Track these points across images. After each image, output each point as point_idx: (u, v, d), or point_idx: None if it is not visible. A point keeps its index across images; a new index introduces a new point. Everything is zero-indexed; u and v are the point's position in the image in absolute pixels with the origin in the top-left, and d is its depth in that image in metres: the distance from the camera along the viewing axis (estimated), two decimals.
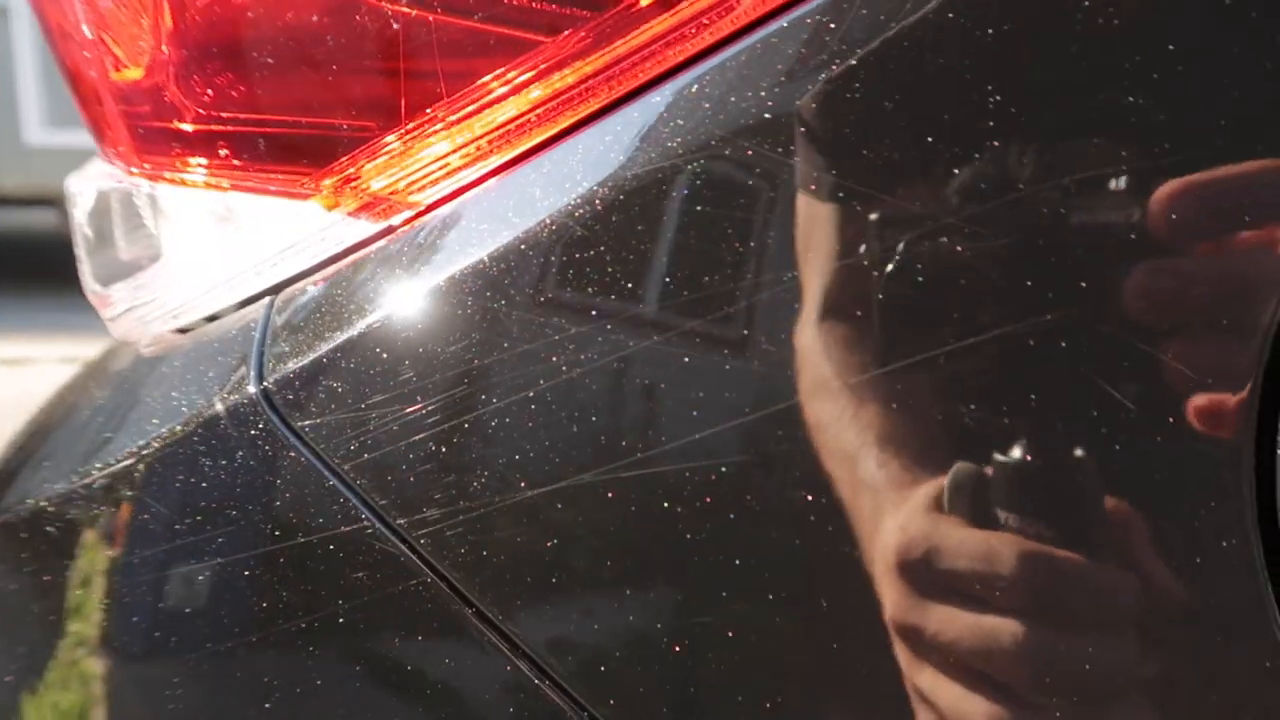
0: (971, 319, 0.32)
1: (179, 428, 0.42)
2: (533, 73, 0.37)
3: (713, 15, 0.35)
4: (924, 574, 0.32)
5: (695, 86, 0.36)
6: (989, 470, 0.32)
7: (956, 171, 0.32)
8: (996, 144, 0.32)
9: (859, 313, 0.33)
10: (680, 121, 0.36)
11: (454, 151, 0.39)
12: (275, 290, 0.43)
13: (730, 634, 0.35)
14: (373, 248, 0.41)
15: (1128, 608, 0.32)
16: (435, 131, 0.39)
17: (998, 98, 0.32)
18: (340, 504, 0.39)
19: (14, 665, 0.49)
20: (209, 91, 0.43)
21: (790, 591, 0.35)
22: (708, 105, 0.35)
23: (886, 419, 0.33)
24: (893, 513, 0.32)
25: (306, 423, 0.40)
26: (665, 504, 0.35)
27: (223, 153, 0.43)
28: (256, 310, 0.44)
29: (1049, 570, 0.32)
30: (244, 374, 0.42)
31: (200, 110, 0.43)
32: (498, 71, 0.38)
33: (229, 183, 0.44)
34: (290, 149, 0.42)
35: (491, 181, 0.39)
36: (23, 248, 5.14)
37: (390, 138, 0.40)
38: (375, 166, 0.41)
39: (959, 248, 0.32)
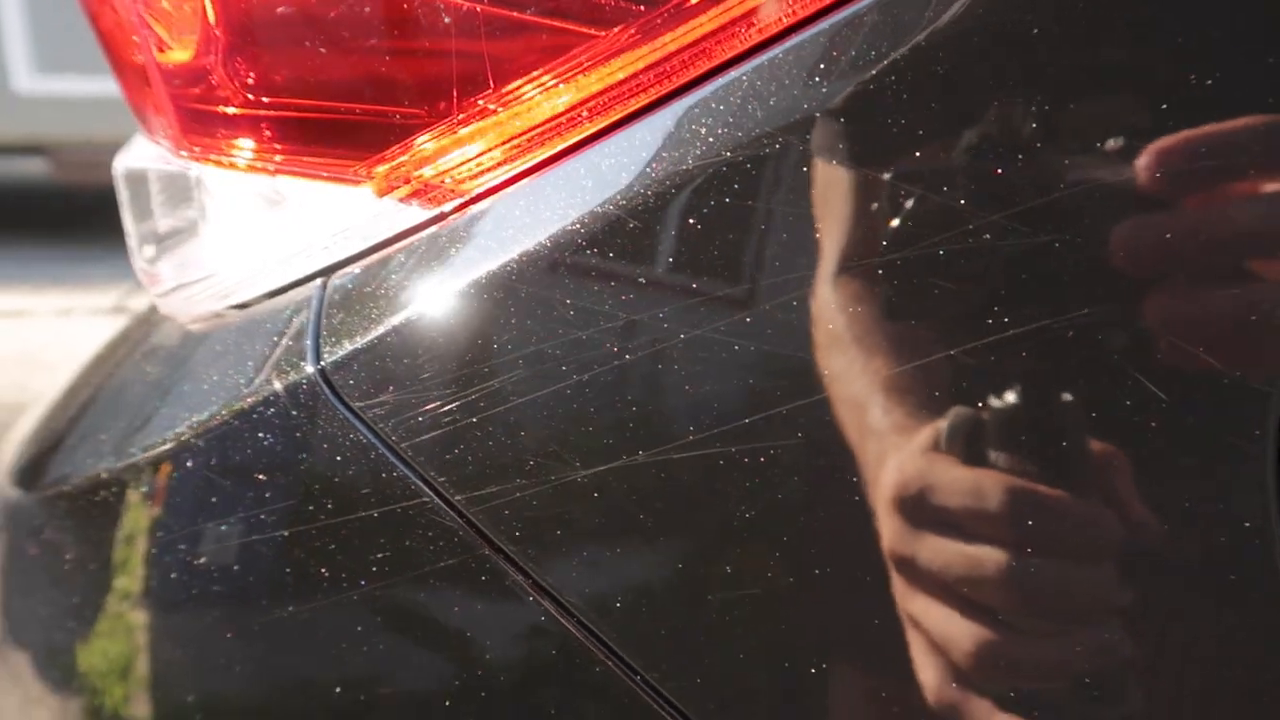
0: (975, 288, 0.34)
1: (236, 405, 0.44)
2: (585, 66, 0.39)
3: (761, 13, 0.37)
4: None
5: (745, 82, 0.37)
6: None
7: (978, 160, 0.34)
8: (1011, 136, 0.34)
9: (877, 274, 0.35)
10: (730, 117, 0.37)
11: (506, 141, 0.41)
12: (326, 273, 0.45)
13: (754, 575, 0.38)
14: (425, 234, 0.42)
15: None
16: (487, 121, 0.41)
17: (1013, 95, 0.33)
18: (399, 480, 0.41)
19: (71, 621, 0.51)
20: (258, 75, 0.44)
21: (802, 531, 0.37)
22: (756, 101, 0.37)
23: (891, 370, 0.35)
24: (894, 455, 0.35)
25: (363, 402, 0.41)
26: (715, 482, 0.37)
27: (271, 136, 0.44)
28: (308, 292, 0.45)
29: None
30: (300, 354, 0.43)
31: (250, 94, 0.44)
32: (550, 64, 0.39)
33: (276, 166, 0.45)
34: (341, 135, 0.43)
35: (543, 171, 0.40)
36: (13, 197, 5.09)
37: (443, 126, 0.41)
38: (427, 155, 0.42)
39: (972, 232, 0.34)
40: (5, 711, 0.58)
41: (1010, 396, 0.35)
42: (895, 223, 0.35)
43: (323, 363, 0.42)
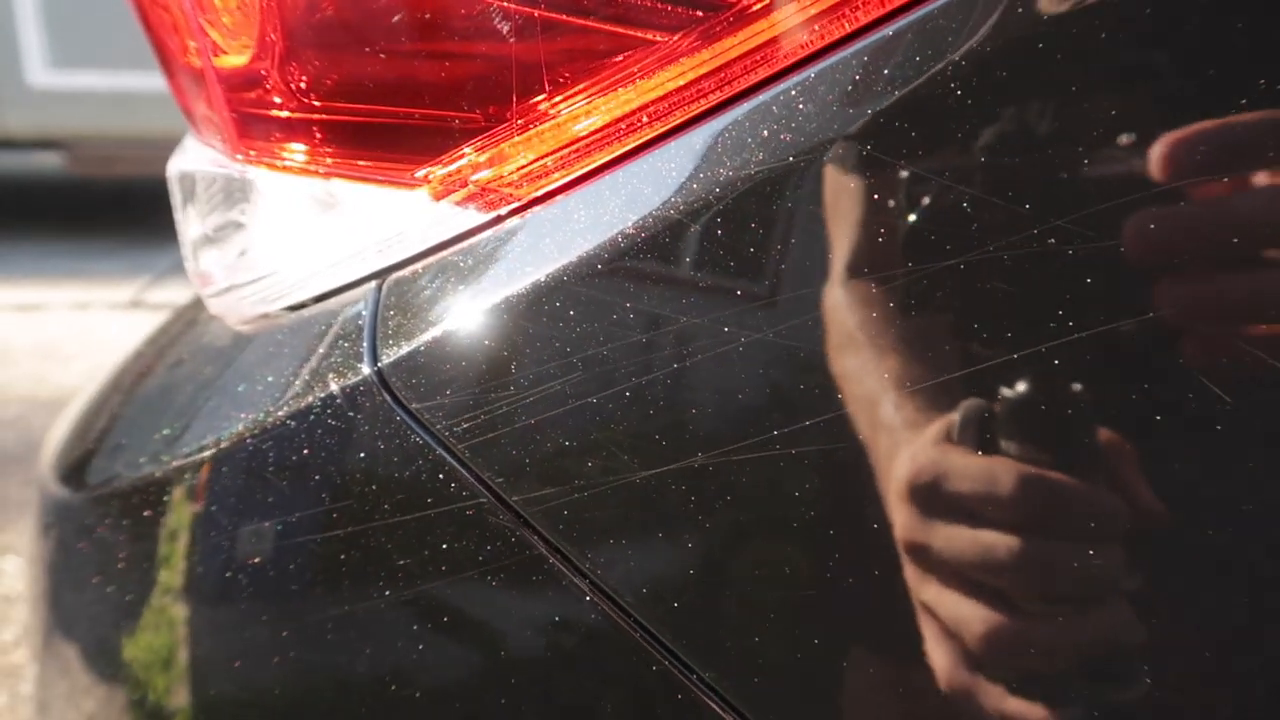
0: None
1: (293, 406, 0.45)
2: (644, 71, 0.39)
3: (823, 19, 0.37)
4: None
5: (805, 88, 0.37)
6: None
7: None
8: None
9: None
10: (791, 123, 0.37)
11: (563, 146, 0.41)
12: (381, 275, 0.45)
13: (807, 573, 0.38)
14: (482, 237, 0.43)
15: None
16: (544, 126, 0.41)
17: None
18: (457, 481, 0.41)
19: (122, 618, 0.52)
20: (313, 79, 0.44)
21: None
22: (816, 106, 0.37)
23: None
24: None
25: (420, 404, 0.42)
26: (770, 483, 0.38)
27: (325, 140, 0.45)
28: (362, 294, 0.45)
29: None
30: (357, 356, 0.44)
31: (304, 98, 0.45)
32: (609, 69, 0.39)
33: (329, 170, 0.45)
34: (397, 139, 0.44)
35: (601, 176, 0.40)
36: (29, 191, 5.11)
37: (500, 131, 0.41)
38: (483, 159, 0.42)
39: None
40: (54, 701, 0.58)
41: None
42: (950, 228, 0.35)
43: (380, 364, 0.43)
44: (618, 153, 0.40)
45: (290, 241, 0.48)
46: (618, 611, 0.40)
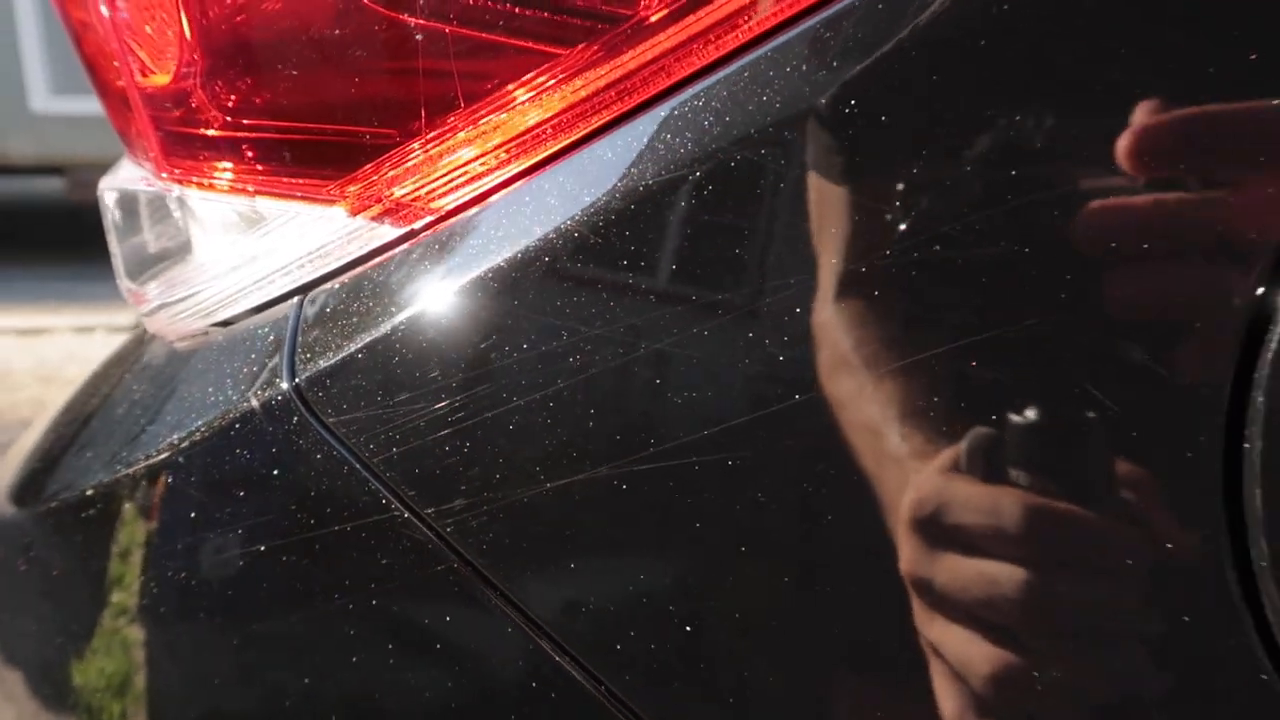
0: (981, 301, 0.34)
1: (216, 421, 0.45)
2: (548, 84, 0.39)
3: (719, 31, 0.37)
4: (934, 528, 0.35)
5: (702, 98, 0.37)
6: (1000, 434, 0.34)
7: (955, 166, 0.34)
8: (993, 141, 0.34)
9: (875, 292, 0.35)
10: (688, 132, 0.37)
11: (474, 160, 0.41)
12: (303, 290, 0.46)
13: (750, 607, 0.38)
14: (396, 251, 0.43)
15: (1119, 557, 0.34)
16: (455, 140, 0.41)
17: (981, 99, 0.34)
18: (370, 494, 0.41)
19: (61, 637, 0.52)
20: (234, 98, 0.45)
21: (812, 563, 0.37)
22: (713, 116, 0.37)
23: (907, 393, 0.35)
24: (915, 479, 0.34)
25: (337, 418, 0.42)
26: (683, 494, 0.38)
27: (248, 158, 0.45)
28: (285, 310, 0.46)
29: (1049, 521, 0.34)
30: (276, 371, 0.44)
31: (226, 116, 0.45)
32: (515, 82, 0.39)
33: (254, 188, 0.46)
34: (315, 156, 0.44)
35: (510, 189, 0.41)
36: (31, 216, 5.16)
37: (413, 146, 0.42)
38: (398, 174, 0.42)
39: (960, 238, 0.34)
40: None
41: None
42: (844, 232, 0.36)
43: (298, 379, 0.43)
44: (526, 164, 0.40)
45: (219, 259, 0.49)
46: (527, 624, 0.40)
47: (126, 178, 0.51)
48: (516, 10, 0.38)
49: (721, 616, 0.38)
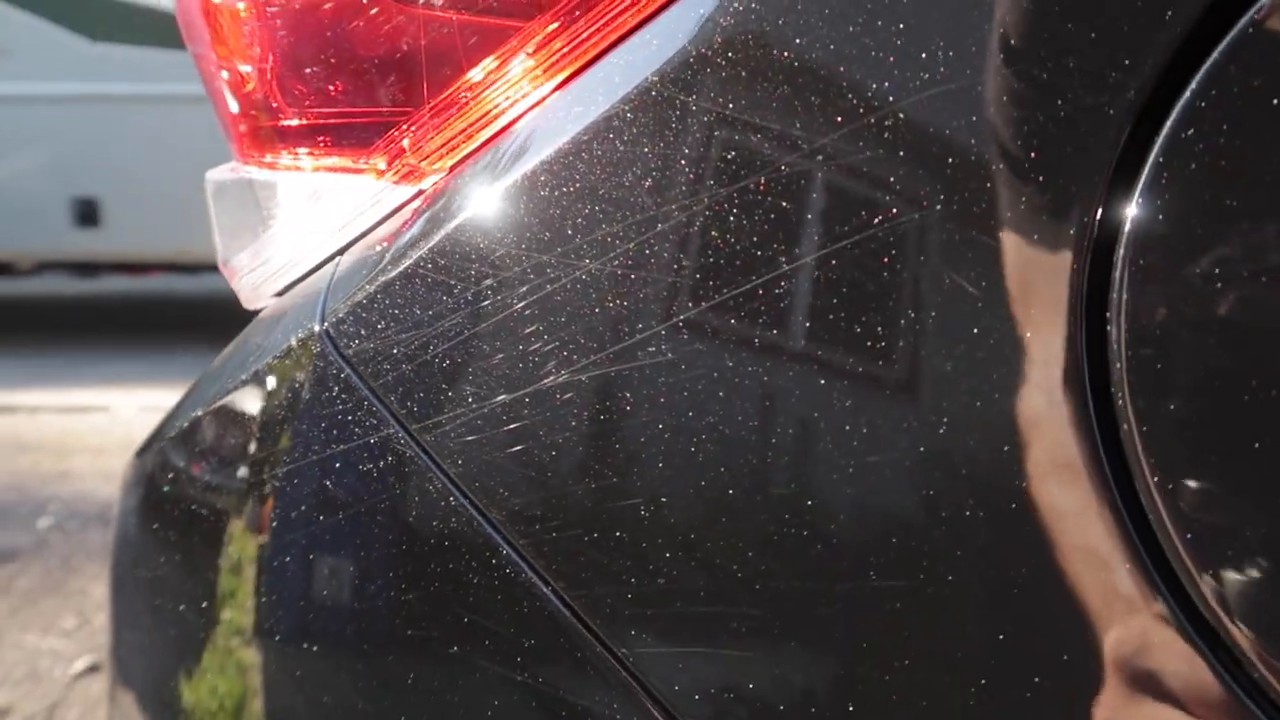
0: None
1: (267, 359, 0.53)
2: (514, 55, 0.45)
3: None
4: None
5: (643, 46, 0.42)
6: None
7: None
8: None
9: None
10: (628, 86, 0.42)
11: (469, 125, 0.48)
12: (341, 252, 0.53)
13: None
14: (409, 209, 0.50)
15: None
16: (453, 110, 0.48)
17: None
18: (374, 416, 0.48)
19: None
20: (288, 94, 0.53)
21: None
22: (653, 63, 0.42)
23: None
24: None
25: (353, 349, 0.49)
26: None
27: (304, 142, 0.54)
28: (329, 269, 0.53)
29: None
30: (311, 316, 0.52)
31: (283, 109, 0.54)
32: (490, 55, 0.46)
33: (309, 164, 0.54)
34: (350, 133, 0.52)
35: (493, 146, 0.47)
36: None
37: (420, 117, 0.49)
38: (410, 142, 0.50)
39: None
40: None
41: None
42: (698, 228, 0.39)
43: (326, 323, 0.50)
44: (504, 124, 0.46)
45: (288, 231, 0.57)
46: (487, 524, 0.44)
47: (225, 169, 0.62)
48: None
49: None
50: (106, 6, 4.62)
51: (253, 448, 0.52)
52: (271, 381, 0.52)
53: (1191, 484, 0.32)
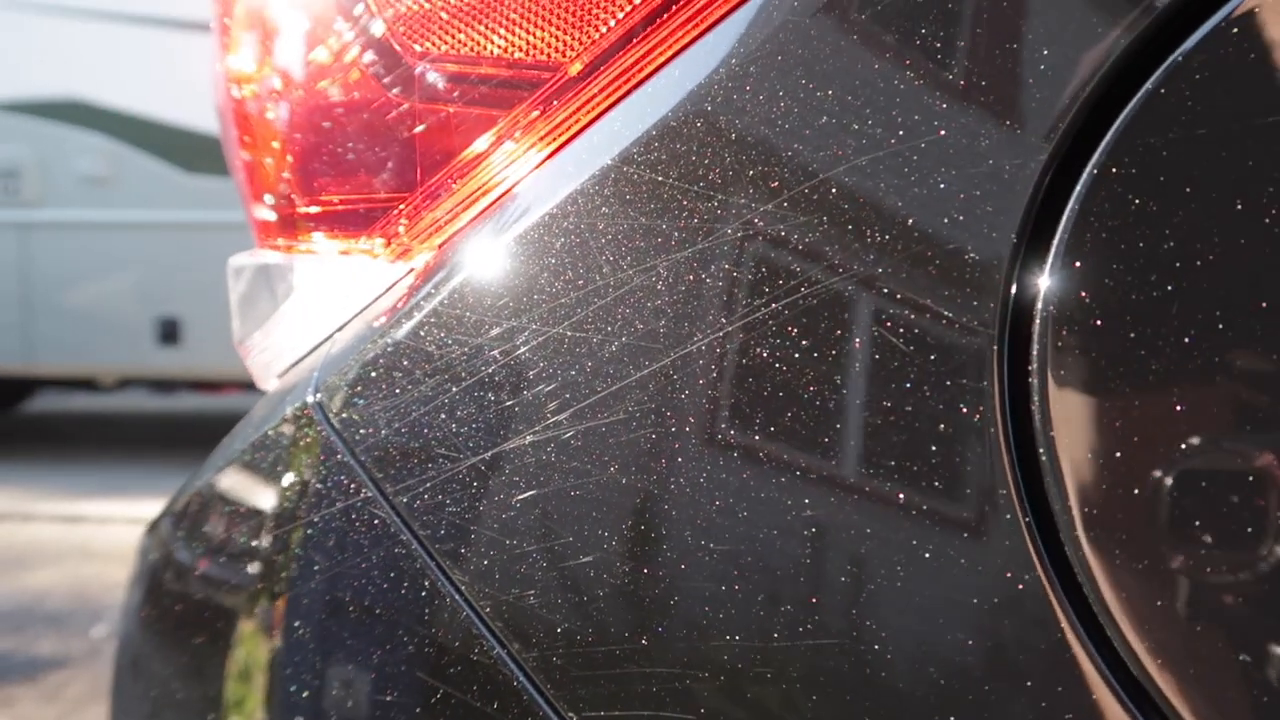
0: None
1: (268, 425, 0.55)
2: (499, 139, 0.48)
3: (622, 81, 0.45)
4: None
5: (611, 126, 0.45)
6: None
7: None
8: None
9: None
10: (595, 165, 0.45)
11: (457, 206, 0.51)
12: (341, 327, 0.56)
13: None
14: (402, 284, 0.53)
15: None
16: (441, 194, 0.51)
17: None
18: (355, 479, 0.49)
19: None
20: (302, 185, 0.57)
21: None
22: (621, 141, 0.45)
23: None
24: None
25: (338, 416, 0.51)
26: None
27: (314, 226, 0.58)
28: (328, 344, 0.56)
29: None
30: (306, 389, 0.54)
31: (304, 197, 0.58)
32: (476, 142, 0.49)
33: (320, 248, 0.58)
34: (354, 218, 0.55)
35: (474, 226, 0.50)
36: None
37: (416, 200, 0.52)
38: (405, 224, 0.53)
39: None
40: None
41: None
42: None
43: (319, 394, 0.53)
44: (487, 203, 0.49)
45: (298, 311, 0.61)
46: (444, 578, 0.45)
47: (246, 255, 0.66)
48: (469, 88, 0.48)
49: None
50: (201, 141, 4.96)
51: (249, 513, 0.54)
52: (267, 451, 0.54)
53: (1108, 522, 0.32)
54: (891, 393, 0.35)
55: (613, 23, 0.44)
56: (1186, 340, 0.31)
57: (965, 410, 0.34)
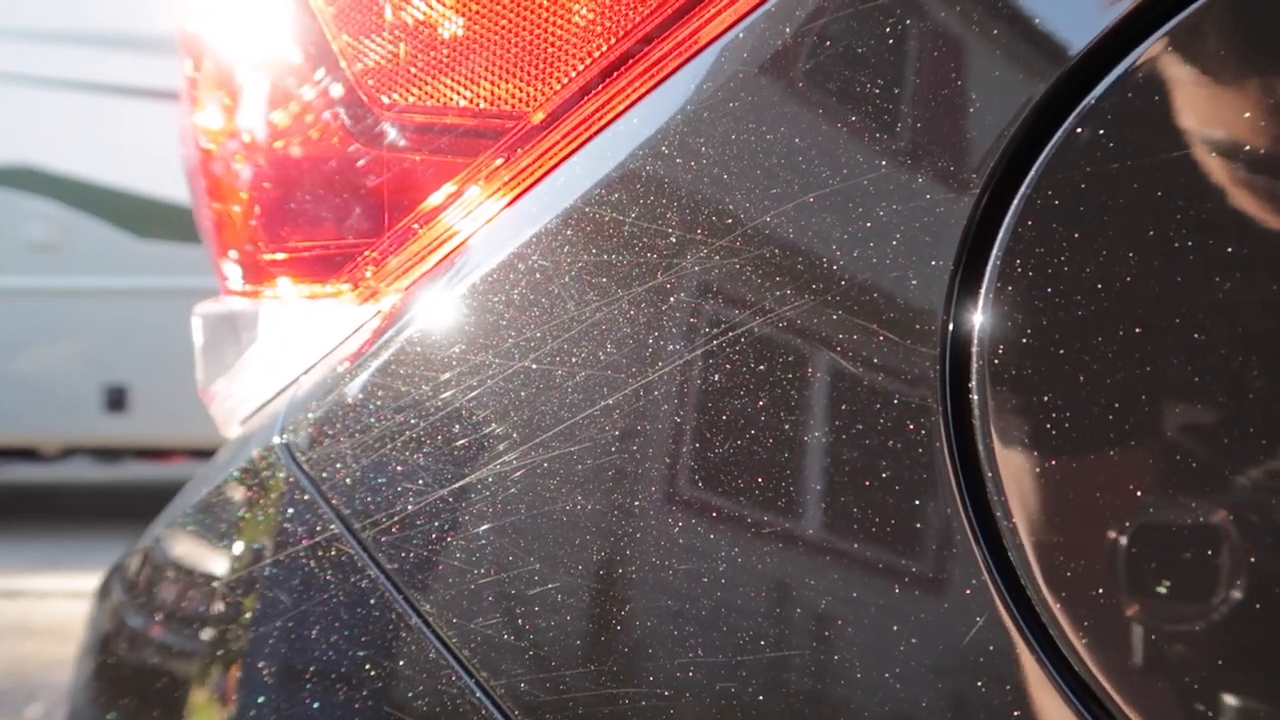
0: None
1: (234, 468, 0.56)
2: (464, 186, 0.51)
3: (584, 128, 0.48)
4: None
5: (573, 171, 0.47)
6: None
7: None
8: None
9: None
10: (558, 208, 0.47)
11: (419, 252, 0.53)
12: (307, 371, 0.57)
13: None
14: (367, 326, 0.54)
15: None
16: (408, 239, 0.53)
17: None
18: (319, 516, 0.50)
19: None
20: (273, 231, 0.59)
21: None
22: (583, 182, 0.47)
23: None
24: None
25: (305, 456, 0.52)
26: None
27: (281, 272, 0.59)
28: (294, 386, 0.57)
29: None
30: (272, 431, 0.55)
31: (271, 244, 0.59)
32: (439, 190, 0.51)
33: (286, 294, 0.59)
34: (321, 264, 0.57)
35: (437, 272, 0.51)
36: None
37: (383, 245, 0.54)
38: (372, 269, 0.54)
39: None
40: None
41: None
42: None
43: (285, 435, 0.54)
44: (446, 251, 0.51)
45: (262, 357, 0.62)
46: (405, 603, 0.46)
47: (210, 304, 0.67)
48: (435, 137, 0.50)
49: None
50: (153, 206, 4.93)
51: (216, 554, 0.54)
52: (234, 492, 0.55)
53: (1050, 546, 0.34)
54: (842, 414, 0.38)
55: (574, 74, 0.47)
56: (1110, 355, 0.33)
57: (912, 427, 0.36)
